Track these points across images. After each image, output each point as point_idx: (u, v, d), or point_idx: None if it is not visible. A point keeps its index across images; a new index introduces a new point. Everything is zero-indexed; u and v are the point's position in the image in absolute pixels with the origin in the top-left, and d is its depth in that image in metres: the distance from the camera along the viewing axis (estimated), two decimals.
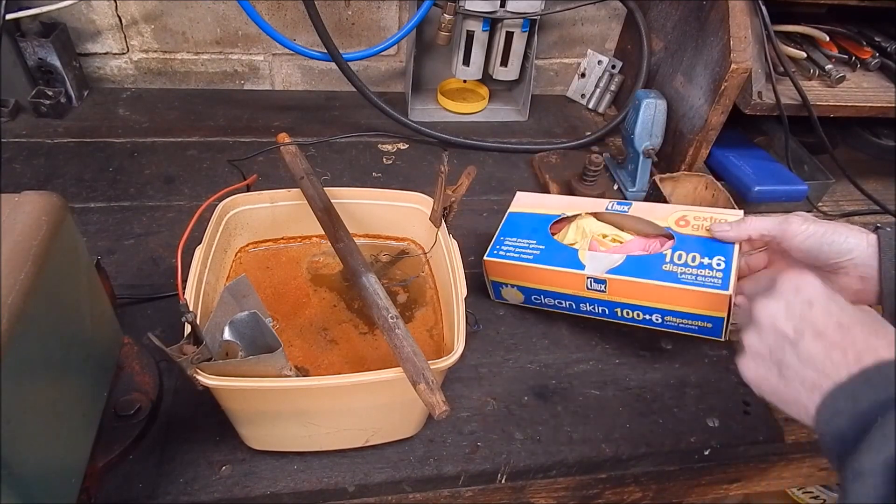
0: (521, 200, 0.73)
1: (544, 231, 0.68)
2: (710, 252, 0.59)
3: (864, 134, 1.06)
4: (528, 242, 0.66)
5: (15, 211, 0.39)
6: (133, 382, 0.54)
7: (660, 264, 0.60)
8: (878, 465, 0.33)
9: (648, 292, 0.59)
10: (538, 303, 0.68)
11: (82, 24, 0.92)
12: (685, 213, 0.64)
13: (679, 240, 0.62)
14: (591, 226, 0.69)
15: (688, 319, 0.60)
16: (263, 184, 0.67)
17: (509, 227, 0.70)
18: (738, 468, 0.67)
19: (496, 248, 0.68)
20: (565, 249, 0.65)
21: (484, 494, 0.61)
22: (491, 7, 0.90)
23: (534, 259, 0.64)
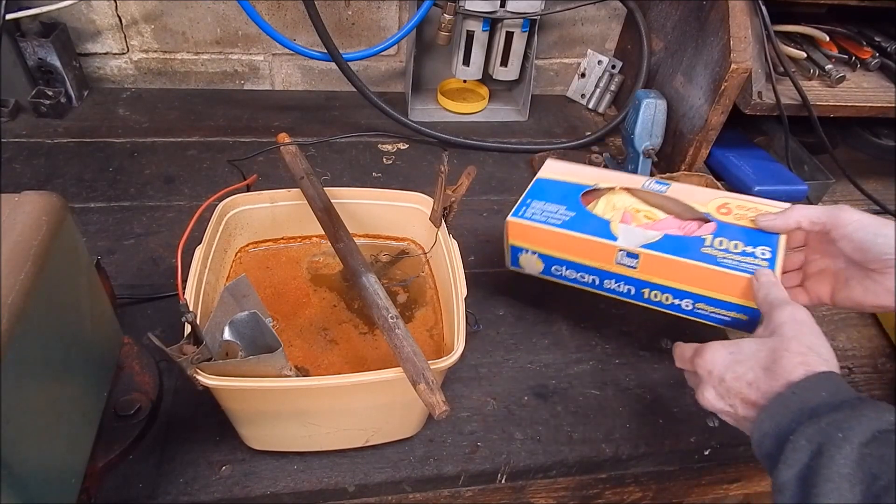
0: (551, 167, 0.69)
1: (575, 199, 0.63)
2: (753, 241, 0.56)
3: (864, 134, 1.07)
4: (557, 208, 0.62)
5: (15, 211, 0.39)
6: (133, 382, 0.54)
7: (699, 246, 0.56)
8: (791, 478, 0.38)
9: (684, 273, 0.56)
10: (558, 275, 0.63)
11: (82, 24, 0.92)
12: (727, 201, 0.61)
13: (720, 226, 0.58)
14: (623, 201, 0.65)
15: (722, 309, 0.56)
16: (263, 184, 0.67)
17: (537, 191, 0.65)
18: (738, 468, 0.67)
19: (521, 208, 0.63)
20: (597, 220, 0.61)
21: (484, 494, 0.61)
22: (491, 7, 0.90)
23: (562, 224, 0.60)
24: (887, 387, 0.69)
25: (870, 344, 0.73)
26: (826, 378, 0.41)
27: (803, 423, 0.39)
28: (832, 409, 0.39)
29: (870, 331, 0.75)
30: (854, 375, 0.69)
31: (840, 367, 0.70)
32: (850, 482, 0.35)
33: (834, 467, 0.36)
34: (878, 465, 0.35)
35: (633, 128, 0.85)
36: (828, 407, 0.39)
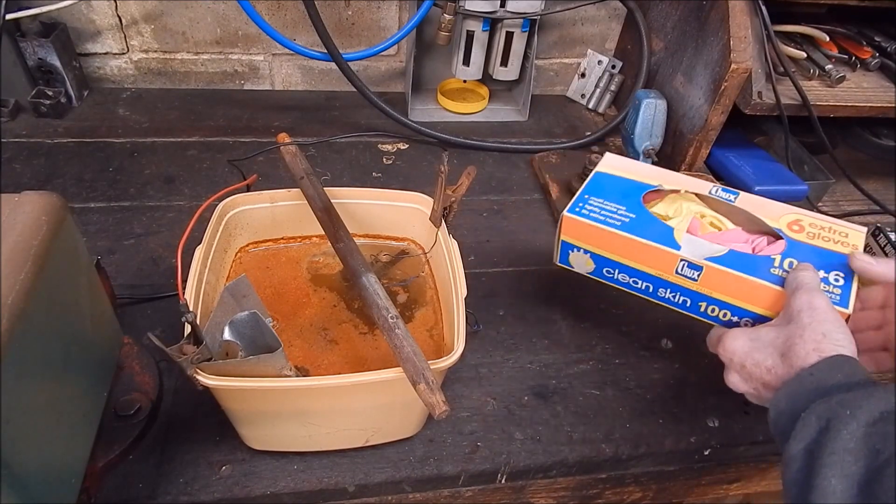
0: (611, 162, 0.66)
1: (637, 199, 0.60)
2: (826, 265, 0.53)
3: (864, 134, 1.07)
4: (616, 207, 0.59)
5: (15, 211, 0.39)
6: (133, 382, 0.54)
7: (768, 266, 0.53)
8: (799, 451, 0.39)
9: (749, 291, 0.53)
10: (609, 277, 0.61)
11: (82, 24, 0.92)
12: (800, 218, 0.58)
13: (790, 245, 0.55)
14: (690, 207, 0.62)
15: None
16: (263, 184, 0.67)
17: (595, 187, 0.62)
18: (738, 468, 0.67)
19: (578, 204, 0.60)
20: (660, 224, 0.58)
21: (484, 494, 0.61)
22: (491, 7, 0.90)
23: (622, 226, 0.57)
24: None
25: None
26: (843, 361, 0.42)
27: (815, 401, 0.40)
28: (844, 390, 0.40)
29: None
30: None
31: None
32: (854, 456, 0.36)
33: (839, 442, 0.37)
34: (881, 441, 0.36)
35: (633, 128, 0.85)
36: (841, 387, 0.41)
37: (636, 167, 0.65)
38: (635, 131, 0.85)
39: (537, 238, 0.81)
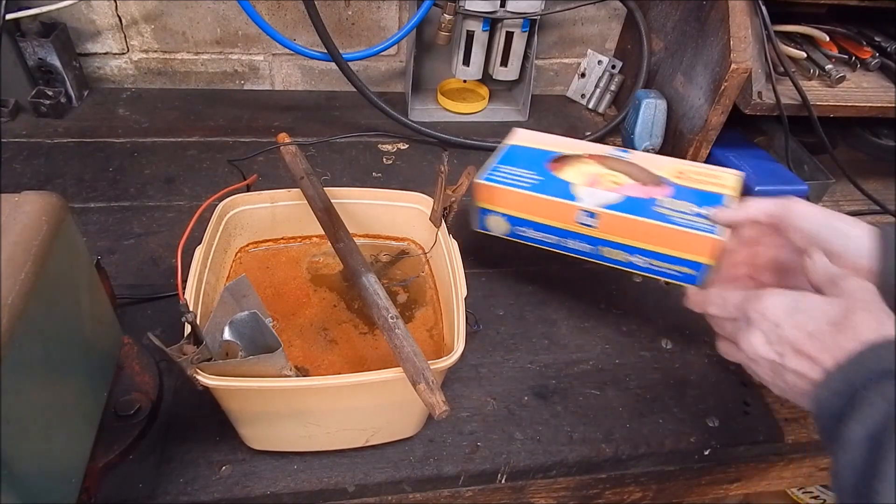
0: (521, 135, 0.73)
1: (542, 164, 0.68)
2: (705, 202, 0.61)
3: (864, 134, 1.06)
4: (525, 172, 0.66)
5: (15, 211, 0.39)
6: (133, 382, 0.54)
7: (652, 206, 0.61)
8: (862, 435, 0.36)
9: (639, 231, 0.60)
10: (522, 236, 0.66)
11: (82, 24, 0.92)
12: (683, 168, 0.67)
13: (676, 189, 0.63)
14: (591, 168, 0.69)
15: (672, 264, 0.61)
16: (263, 184, 0.67)
17: (508, 158, 0.69)
18: (738, 468, 0.67)
19: (491, 173, 0.67)
20: (562, 183, 0.65)
21: (484, 494, 0.61)
22: (491, 7, 0.90)
23: (529, 187, 0.64)
24: None
25: None
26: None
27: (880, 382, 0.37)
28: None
29: None
30: None
31: None
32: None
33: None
34: None
35: (633, 128, 0.85)
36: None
37: (543, 138, 0.73)
38: (635, 131, 0.85)
39: None
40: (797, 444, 0.64)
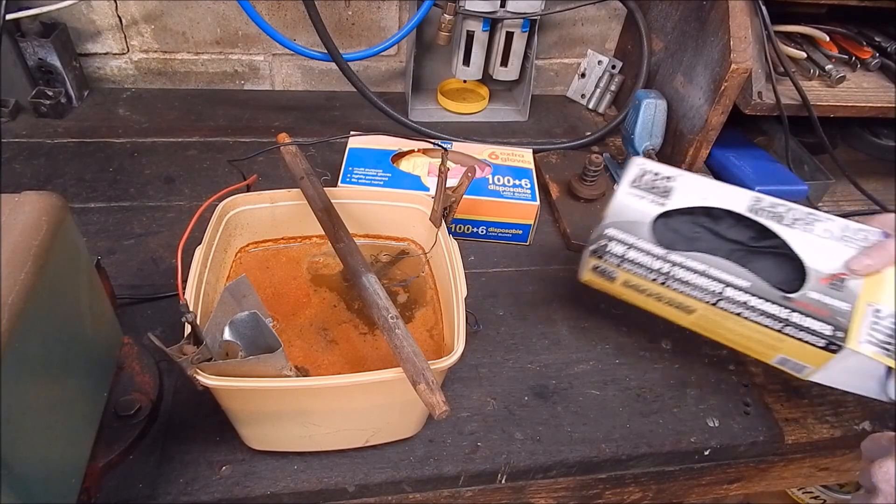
0: (357, 139, 0.83)
1: (387, 162, 0.79)
2: (517, 175, 0.80)
3: (864, 134, 1.07)
4: (375, 171, 0.77)
5: (15, 211, 0.39)
6: (133, 382, 0.54)
7: (486, 185, 0.77)
8: None
9: (480, 207, 0.75)
10: None
11: (82, 24, 0.92)
12: (494, 150, 0.84)
13: (495, 168, 0.81)
14: (422, 159, 0.82)
15: (505, 228, 0.78)
16: (263, 184, 0.67)
17: (353, 159, 0.79)
18: (738, 468, 0.67)
19: (347, 176, 0.76)
20: (409, 176, 0.78)
21: (484, 494, 0.61)
22: (491, 7, 0.90)
23: (384, 184, 0.75)
24: None
25: None
26: None
27: None
28: None
29: None
30: None
31: None
32: None
33: None
34: None
35: (633, 128, 0.85)
36: None
37: (378, 139, 0.83)
38: (635, 131, 0.85)
39: (538, 238, 0.81)
40: (797, 444, 0.64)
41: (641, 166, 0.60)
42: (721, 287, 0.55)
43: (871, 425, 0.65)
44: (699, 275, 0.56)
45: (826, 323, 0.52)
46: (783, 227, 0.56)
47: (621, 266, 0.58)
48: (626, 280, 0.59)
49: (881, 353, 0.51)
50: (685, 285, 0.56)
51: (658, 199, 0.58)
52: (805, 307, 0.53)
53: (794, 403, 0.66)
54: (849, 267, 0.53)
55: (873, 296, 0.52)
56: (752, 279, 0.54)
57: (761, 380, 0.68)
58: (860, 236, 0.55)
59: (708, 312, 0.57)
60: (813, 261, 0.54)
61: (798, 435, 0.64)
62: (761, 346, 0.57)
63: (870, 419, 0.65)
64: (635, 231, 0.58)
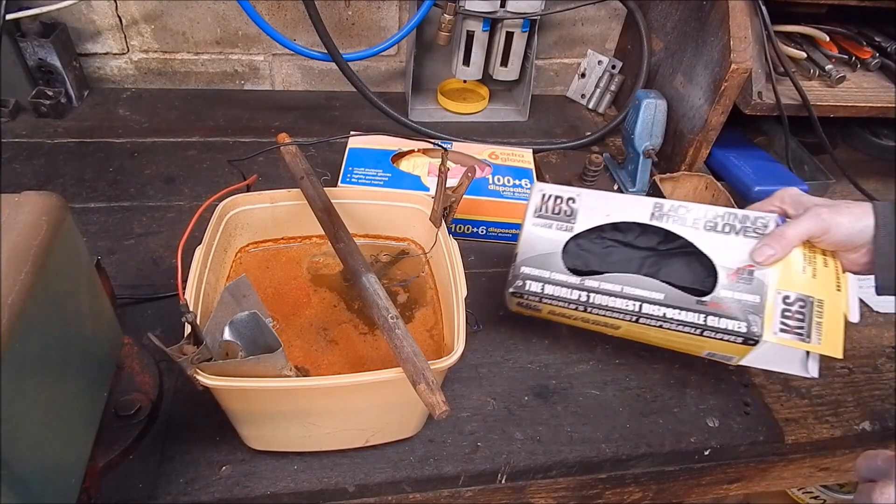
0: (357, 139, 0.83)
1: (387, 162, 0.79)
2: (517, 175, 0.80)
3: (864, 134, 1.07)
4: (375, 171, 0.78)
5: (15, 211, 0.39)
6: (133, 382, 0.54)
7: (486, 185, 0.77)
8: None
9: (481, 207, 0.74)
10: None
11: (82, 24, 0.92)
12: (494, 150, 0.84)
13: (495, 168, 0.81)
14: (422, 159, 0.82)
15: (505, 228, 0.78)
16: (263, 184, 0.67)
17: (353, 159, 0.79)
18: (738, 468, 0.67)
19: (347, 176, 0.77)
20: (409, 176, 0.78)
21: (484, 494, 0.61)
22: (491, 7, 0.90)
23: (384, 184, 0.76)
24: (887, 386, 0.69)
25: (870, 344, 0.73)
26: None
27: None
28: None
29: (870, 331, 0.75)
30: (854, 375, 0.69)
31: (840, 366, 0.70)
32: None
33: None
34: None
35: (633, 128, 0.85)
36: None
37: (378, 139, 0.83)
38: (635, 131, 0.85)
39: None
40: (797, 444, 0.64)
41: (541, 191, 0.63)
42: (638, 305, 0.57)
43: (871, 425, 0.65)
44: (615, 296, 0.58)
45: (740, 321, 0.55)
46: (687, 228, 0.58)
47: (542, 301, 0.60)
48: (551, 310, 0.61)
49: (794, 338, 0.53)
50: (605, 308, 0.58)
51: (564, 225, 0.61)
52: (719, 308, 0.55)
53: (794, 403, 0.66)
54: (753, 259, 0.56)
55: (781, 283, 0.55)
56: (666, 291, 0.57)
57: (761, 380, 0.68)
58: (759, 224, 0.57)
59: (632, 327, 0.59)
60: (720, 258, 0.57)
61: (798, 435, 0.64)
62: (689, 347, 0.60)
63: (870, 419, 0.65)
64: (548, 264, 0.60)
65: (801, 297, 0.55)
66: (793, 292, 0.55)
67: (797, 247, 0.56)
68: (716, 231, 0.58)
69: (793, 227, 0.55)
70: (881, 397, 0.67)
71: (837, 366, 0.70)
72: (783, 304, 0.55)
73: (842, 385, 0.68)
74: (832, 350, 0.53)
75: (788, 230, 0.55)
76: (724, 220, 0.58)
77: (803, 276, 0.56)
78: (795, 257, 0.56)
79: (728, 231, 0.57)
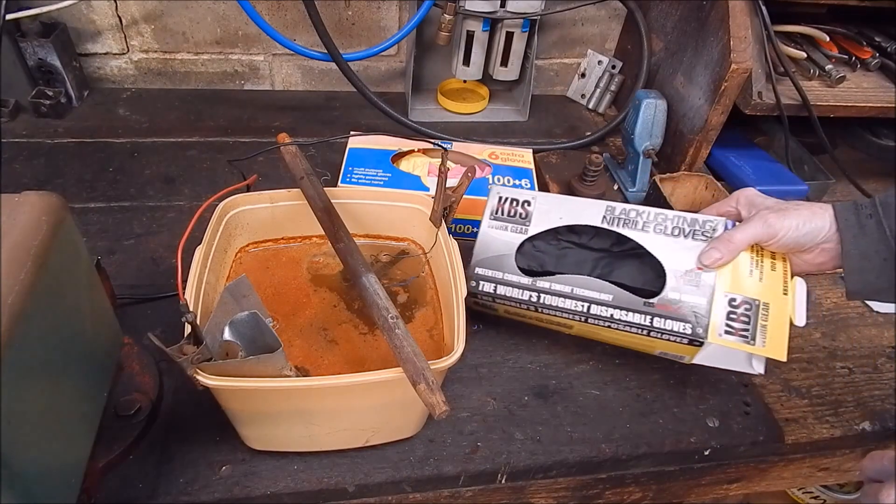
0: (357, 139, 0.83)
1: (387, 162, 0.79)
2: (517, 175, 0.80)
3: (864, 134, 1.07)
4: (375, 171, 0.77)
5: (15, 211, 0.39)
6: (133, 382, 0.54)
7: (486, 185, 0.74)
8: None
9: (481, 207, 0.68)
10: None
11: (82, 24, 0.92)
12: (493, 150, 0.84)
13: (495, 168, 0.81)
14: (423, 160, 0.82)
15: None
16: (263, 184, 0.67)
17: (354, 159, 0.79)
18: (738, 468, 0.67)
19: (347, 176, 0.76)
20: (409, 176, 0.78)
21: (484, 494, 0.61)
22: (491, 7, 0.90)
23: (384, 184, 0.75)
24: (887, 387, 0.69)
25: (870, 344, 0.73)
26: None
27: None
28: None
29: (870, 331, 0.75)
30: (854, 375, 0.69)
31: (840, 366, 0.70)
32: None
33: None
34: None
35: (633, 128, 0.85)
36: None
37: (377, 139, 0.83)
38: (635, 131, 0.85)
39: None
40: (797, 444, 0.64)
41: (498, 193, 0.65)
42: (586, 305, 0.59)
43: (871, 425, 0.65)
44: (565, 297, 0.59)
45: (686, 322, 0.56)
46: (637, 231, 0.60)
47: (496, 301, 0.62)
48: (506, 310, 0.63)
49: (739, 340, 0.55)
50: (555, 309, 0.60)
51: (519, 227, 0.62)
52: (666, 309, 0.56)
53: (794, 403, 0.66)
54: (700, 262, 0.57)
55: (727, 286, 0.56)
56: (614, 292, 0.59)
57: (761, 380, 0.68)
58: (708, 228, 0.58)
59: (583, 327, 0.61)
60: (668, 260, 0.58)
61: (798, 435, 0.64)
62: (640, 346, 0.61)
63: (870, 419, 0.65)
64: (502, 265, 0.61)
65: (747, 300, 0.56)
66: (739, 295, 0.56)
67: (745, 251, 0.57)
68: (665, 234, 0.59)
69: (740, 232, 0.56)
70: (881, 397, 0.67)
71: (837, 366, 0.70)
72: (729, 307, 0.56)
73: (842, 385, 0.68)
74: (776, 353, 0.54)
75: (735, 235, 0.56)
76: (673, 223, 0.59)
77: (750, 279, 0.57)
78: (743, 261, 0.57)
79: (678, 234, 0.59)
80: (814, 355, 0.71)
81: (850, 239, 0.54)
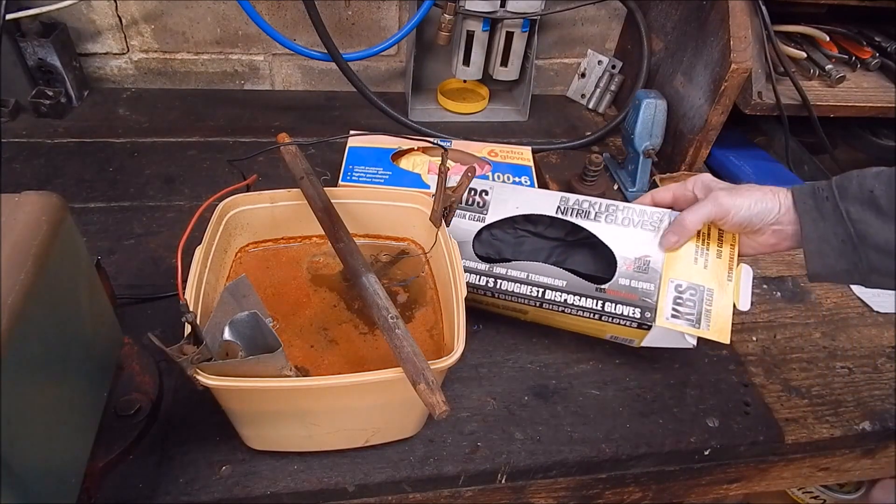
0: (357, 138, 0.84)
1: (387, 160, 0.80)
2: (517, 173, 0.81)
3: (864, 134, 1.07)
4: (375, 170, 0.78)
5: (15, 211, 0.39)
6: (133, 382, 0.54)
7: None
8: None
9: None
10: None
11: (82, 24, 0.92)
12: (493, 148, 0.85)
13: (495, 166, 0.82)
14: (422, 158, 0.83)
15: None
16: (263, 184, 0.67)
17: (354, 158, 0.80)
18: (738, 468, 0.67)
19: (348, 174, 0.78)
20: (409, 174, 0.79)
21: (484, 494, 0.61)
22: (491, 7, 0.90)
23: (384, 182, 0.77)
24: (887, 386, 0.69)
25: (870, 344, 0.73)
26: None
27: None
28: None
29: (870, 331, 0.75)
30: (854, 375, 0.69)
31: (840, 366, 0.70)
32: None
33: None
34: None
35: (633, 128, 0.85)
36: None
37: (377, 138, 0.84)
38: (635, 131, 0.85)
39: None
40: (797, 444, 0.64)
41: None
42: (541, 291, 0.61)
43: (871, 425, 0.65)
44: (521, 283, 0.62)
45: (635, 307, 0.60)
46: (590, 221, 0.63)
47: None
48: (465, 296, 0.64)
49: (685, 324, 0.59)
50: (511, 294, 0.62)
51: (477, 215, 0.65)
52: (617, 295, 0.60)
53: (794, 403, 0.66)
54: (660, 247, 0.61)
55: (674, 272, 0.60)
56: (568, 279, 0.62)
57: (761, 380, 0.68)
58: (655, 218, 0.62)
59: (538, 312, 0.63)
60: (619, 248, 0.62)
61: (798, 435, 0.64)
62: (591, 330, 0.64)
63: (870, 419, 0.65)
64: (462, 252, 0.63)
65: (693, 285, 0.60)
66: (684, 281, 0.60)
67: (692, 240, 0.61)
68: (616, 224, 0.63)
69: (692, 214, 0.59)
70: (881, 397, 0.67)
71: (837, 366, 0.70)
72: (675, 292, 0.60)
73: (842, 385, 0.68)
74: (720, 336, 0.58)
75: (687, 217, 0.59)
76: (623, 214, 0.63)
77: (695, 266, 0.61)
78: (688, 250, 0.61)
79: (627, 224, 0.62)
80: (814, 355, 0.71)
81: (809, 222, 0.55)
